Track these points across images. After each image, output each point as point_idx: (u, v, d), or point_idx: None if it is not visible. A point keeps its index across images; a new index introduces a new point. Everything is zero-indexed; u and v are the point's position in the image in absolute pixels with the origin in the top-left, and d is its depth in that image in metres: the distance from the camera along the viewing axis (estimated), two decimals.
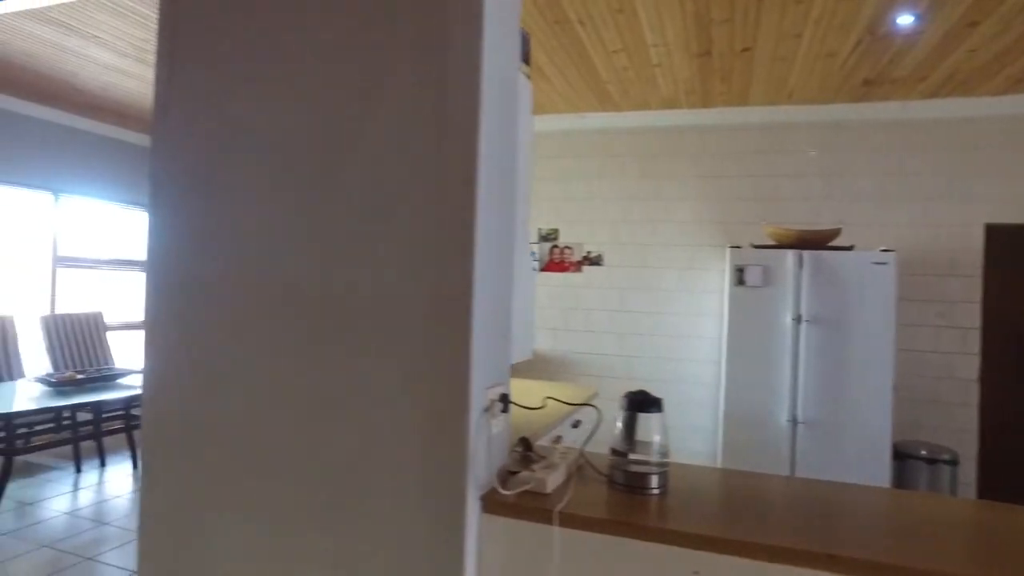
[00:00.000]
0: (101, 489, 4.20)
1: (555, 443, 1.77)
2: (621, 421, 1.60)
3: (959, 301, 4.04)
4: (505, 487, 1.46)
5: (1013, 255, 4.01)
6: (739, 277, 3.90)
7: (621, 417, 1.61)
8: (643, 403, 1.59)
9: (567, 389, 3.34)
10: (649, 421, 1.60)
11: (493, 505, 1.43)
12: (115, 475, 4.51)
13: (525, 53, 1.90)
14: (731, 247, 4.01)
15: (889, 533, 1.31)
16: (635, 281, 4.70)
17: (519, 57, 1.69)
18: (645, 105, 4.52)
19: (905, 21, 2.89)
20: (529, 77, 1.93)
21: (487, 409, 1.44)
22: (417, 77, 1.42)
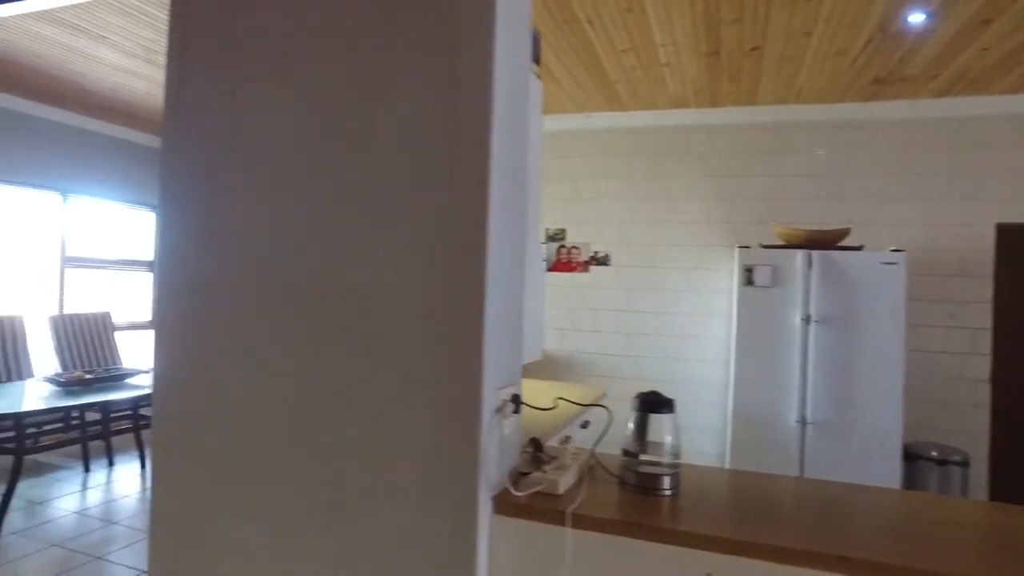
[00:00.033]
0: (109, 488, 4.22)
1: (564, 444, 1.77)
2: (633, 422, 1.59)
3: (969, 301, 4.01)
4: (517, 488, 1.45)
5: None
6: (748, 277, 3.88)
7: (633, 418, 1.60)
8: (655, 404, 1.58)
9: (575, 390, 3.33)
10: (661, 422, 1.59)
11: (505, 506, 1.42)
12: (123, 474, 4.52)
13: (535, 53, 1.90)
14: (740, 247, 3.99)
15: (902, 535, 1.29)
16: (642, 281, 4.68)
17: (530, 56, 1.69)
18: (653, 105, 4.51)
19: (917, 19, 2.87)
20: (539, 77, 1.92)
21: (499, 410, 1.43)
22: (428, 77, 1.41)
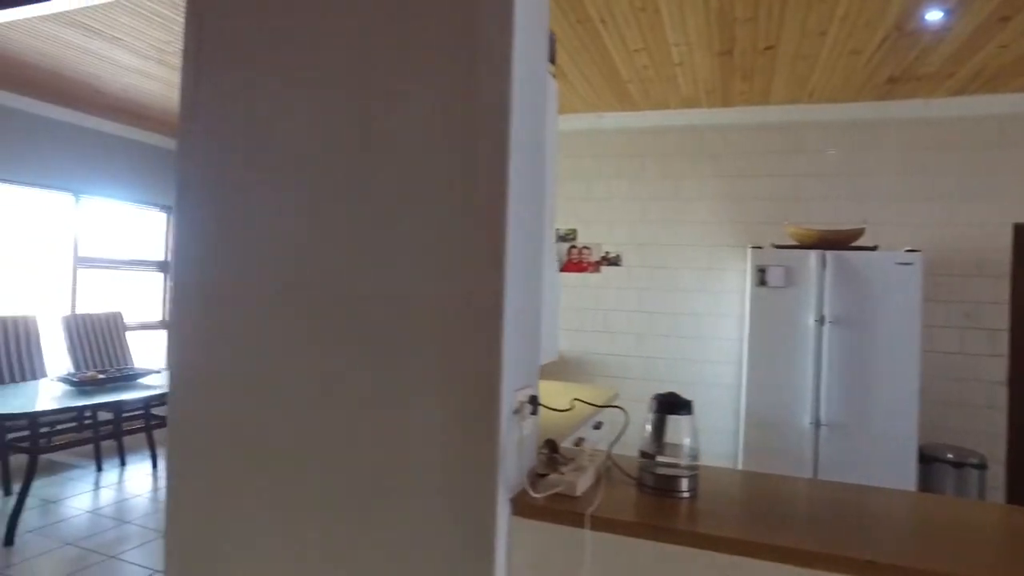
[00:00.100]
0: (122, 488, 4.24)
1: (577, 445, 1.76)
2: (650, 423, 1.58)
3: (986, 302, 3.96)
4: (535, 490, 1.44)
5: None
6: (761, 278, 3.85)
7: (650, 419, 1.59)
8: (673, 405, 1.57)
9: (587, 390, 3.31)
10: (679, 423, 1.58)
11: (523, 508, 1.41)
12: (135, 474, 4.54)
13: (551, 53, 1.89)
14: (752, 247, 3.96)
15: (921, 537, 1.28)
16: (654, 282, 4.66)
17: (547, 56, 1.68)
18: (665, 105, 4.49)
19: (934, 17, 2.84)
20: (555, 77, 1.91)
21: (517, 411, 1.42)
22: (446, 76, 1.41)
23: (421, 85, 1.43)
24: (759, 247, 3.99)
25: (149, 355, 6.01)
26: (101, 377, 4.03)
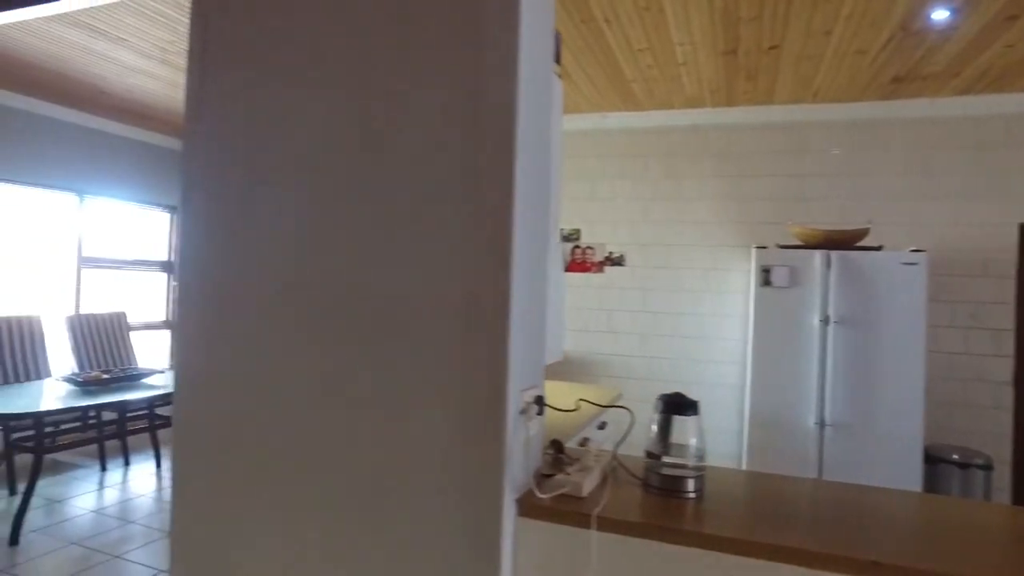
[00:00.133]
0: (126, 487, 4.25)
1: (582, 445, 1.75)
2: (656, 424, 1.58)
3: (992, 302, 3.95)
4: (541, 490, 1.44)
5: None
6: (765, 278, 3.85)
7: (656, 419, 1.58)
8: (680, 405, 1.57)
9: (590, 390, 3.31)
10: (685, 424, 1.57)
11: (529, 508, 1.41)
12: (139, 474, 4.55)
13: (556, 53, 1.88)
14: (757, 247, 3.95)
15: (929, 539, 1.28)
16: (657, 282, 4.66)
17: (553, 56, 1.67)
18: (669, 104, 4.48)
19: (940, 16, 2.83)
20: (560, 77, 1.91)
21: (523, 412, 1.42)
22: (451, 76, 1.41)
23: (426, 85, 1.43)
24: (763, 247, 3.98)
25: (153, 355, 6.02)
26: (105, 377, 4.04)
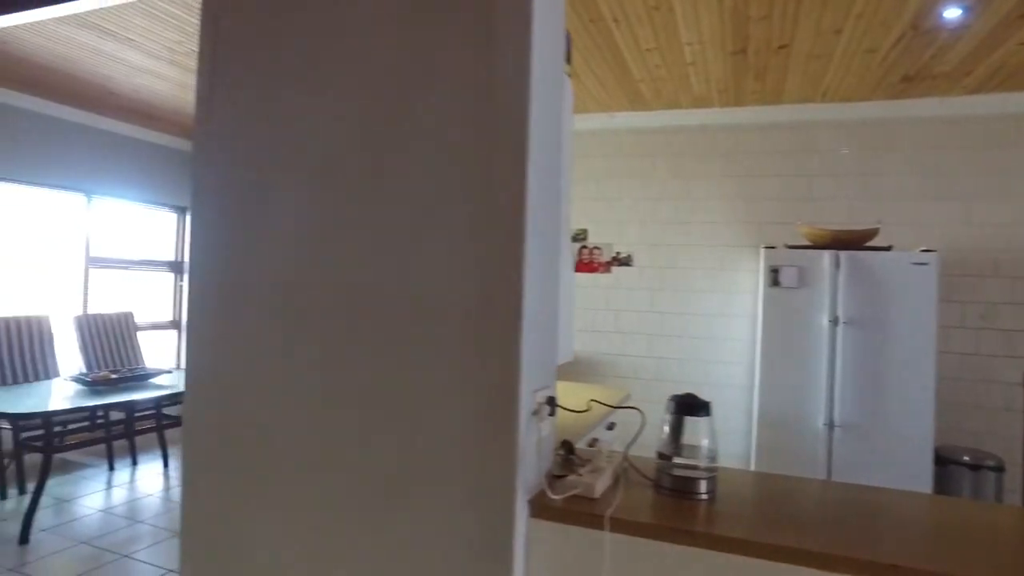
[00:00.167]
0: (134, 487, 4.26)
1: (591, 446, 1.75)
2: (668, 424, 1.57)
3: (1003, 303, 3.92)
4: (553, 491, 1.43)
5: None
6: (774, 278, 3.83)
7: (668, 420, 1.57)
8: (692, 406, 1.56)
9: (598, 391, 3.30)
10: (697, 425, 1.57)
11: (541, 509, 1.40)
12: (147, 473, 4.56)
13: (567, 52, 1.87)
14: (765, 247, 3.94)
15: (946, 542, 1.26)
16: (665, 282, 4.64)
17: (564, 56, 1.67)
18: (676, 104, 4.47)
19: (953, 14, 2.81)
20: (571, 76, 1.90)
21: (535, 412, 1.41)
22: (464, 76, 1.40)
23: (438, 85, 1.42)
24: (772, 247, 3.96)
25: (160, 355, 6.04)
26: (114, 377, 4.05)
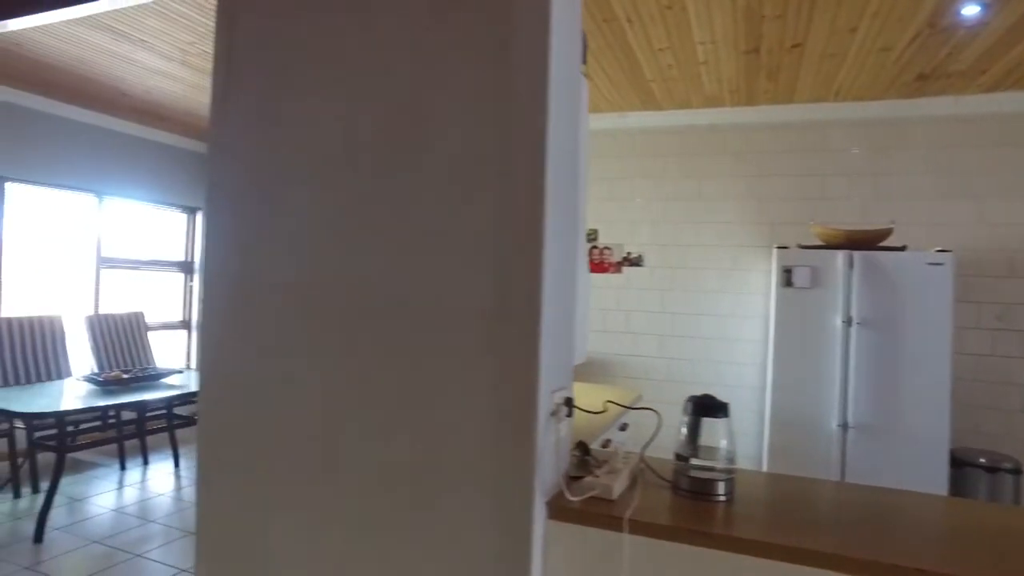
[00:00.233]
0: (145, 487, 4.27)
1: (604, 447, 1.73)
2: (685, 426, 1.56)
3: (1019, 303, 3.88)
4: (570, 492, 1.42)
5: None
6: (787, 278, 3.80)
7: (685, 421, 1.56)
8: (710, 407, 1.55)
9: (609, 392, 3.28)
10: (715, 426, 1.56)
11: (559, 511, 1.39)
12: (158, 473, 4.58)
13: (583, 52, 1.87)
14: (778, 247, 3.91)
15: (970, 545, 1.24)
16: (676, 282, 4.62)
17: (581, 56, 1.66)
18: (687, 104, 4.45)
19: (971, 11, 2.78)
20: (587, 76, 1.89)
21: (553, 413, 1.40)
22: (482, 77, 1.39)
23: (456, 87, 1.41)
24: (784, 247, 3.93)
25: (170, 355, 6.07)
26: (125, 377, 4.07)
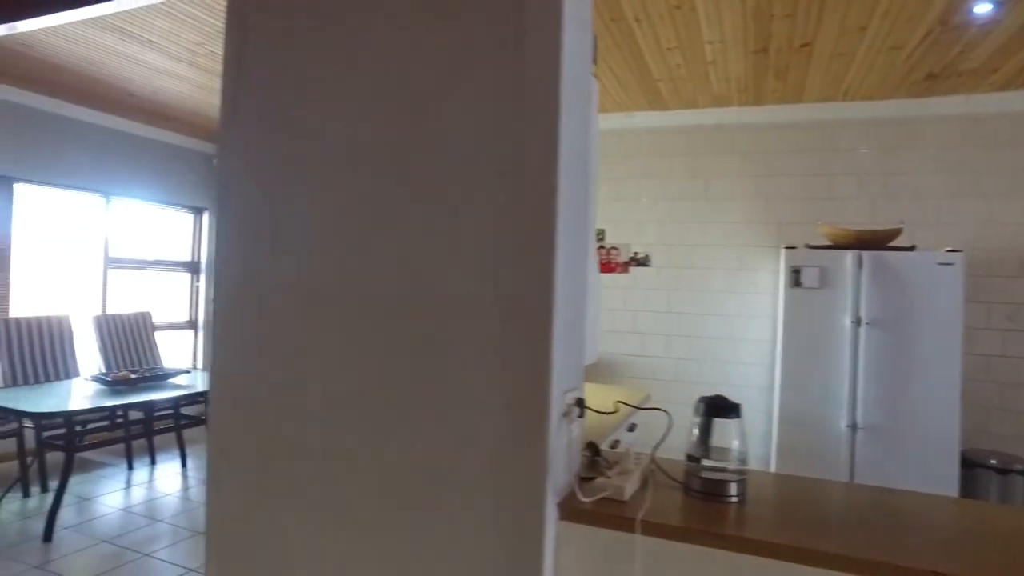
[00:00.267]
0: (152, 486, 4.28)
1: (613, 447, 1.73)
2: (697, 426, 1.55)
3: None
4: (582, 493, 1.41)
5: None
6: (795, 278, 3.79)
7: (697, 422, 1.55)
8: (721, 408, 1.54)
9: (617, 392, 3.27)
10: (726, 427, 1.54)
11: (570, 512, 1.38)
12: (165, 473, 4.59)
13: (593, 52, 1.86)
14: (786, 248, 3.90)
15: (984, 547, 1.23)
16: (683, 282, 4.61)
17: (592, 56, 1.65)
18: (694, 104, 4.43)
19: (983, 10, 2.76)
20: (597, 77, 1.89)
21: (565, 414, 1.40)
22: (494, 76, 1.39)
23: (468, 86, 1.41)
24: (793, 247, 3.92)
25: (177, 355, 6.09)
26: (133, 377, 4.08)
